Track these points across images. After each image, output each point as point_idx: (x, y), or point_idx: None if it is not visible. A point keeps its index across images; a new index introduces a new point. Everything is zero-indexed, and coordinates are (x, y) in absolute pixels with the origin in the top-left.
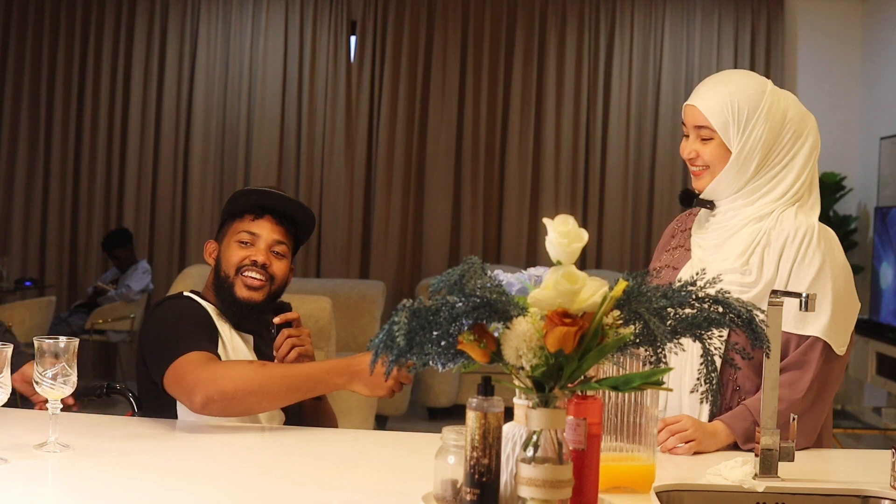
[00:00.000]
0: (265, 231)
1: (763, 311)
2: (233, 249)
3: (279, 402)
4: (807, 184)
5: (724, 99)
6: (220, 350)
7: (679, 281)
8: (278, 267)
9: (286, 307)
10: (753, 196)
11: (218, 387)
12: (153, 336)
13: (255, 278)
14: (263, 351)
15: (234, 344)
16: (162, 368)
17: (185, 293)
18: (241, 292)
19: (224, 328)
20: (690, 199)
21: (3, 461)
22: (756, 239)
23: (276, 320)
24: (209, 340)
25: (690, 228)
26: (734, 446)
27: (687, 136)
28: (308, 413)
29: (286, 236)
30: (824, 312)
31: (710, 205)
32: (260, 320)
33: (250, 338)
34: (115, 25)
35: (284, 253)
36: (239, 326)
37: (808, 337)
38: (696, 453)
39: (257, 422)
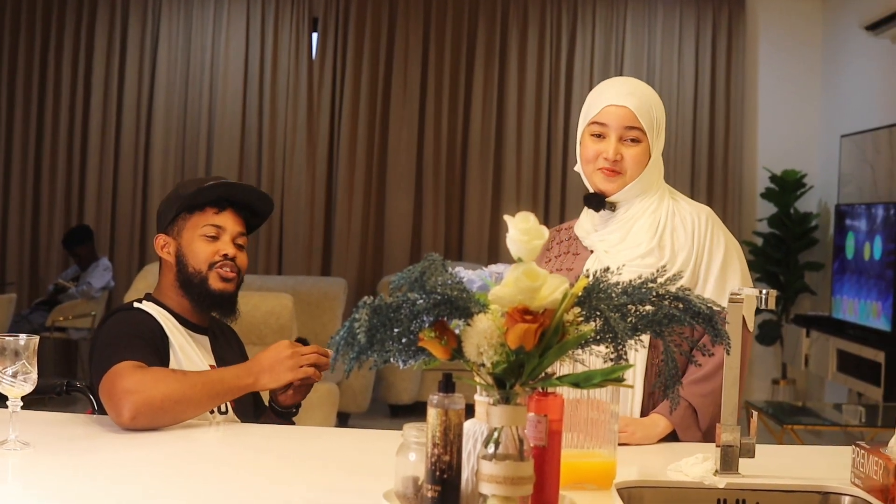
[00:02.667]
0: (229, 224)
1: (721, 307)
2: (199, 244)
3: (201, 409)
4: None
5: (649, 102)
6: (172, 360)
7: (587, 274)
8: (242, 259)
9: (305, 342)
10: (646, 191)
11: (145, 398)
12: (94, 349)
13: (228, 271)
14: (219, 353)
15: (186, 352)
16: (96, 383)
17: (137, 304)
18: (217, 284)
19: (177, 336)
20: (601, 202)
21: None
22: (660, 224)
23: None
24: (151, 353)
25: (569, 238)
26: (674, 437)
27: (598, 137)
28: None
29: (245, 227)
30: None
31: (613, 208)
32: (225, 310)
33: (205, 339)
34: (76, 23)
35: (244, 244)
36: (196, 328)
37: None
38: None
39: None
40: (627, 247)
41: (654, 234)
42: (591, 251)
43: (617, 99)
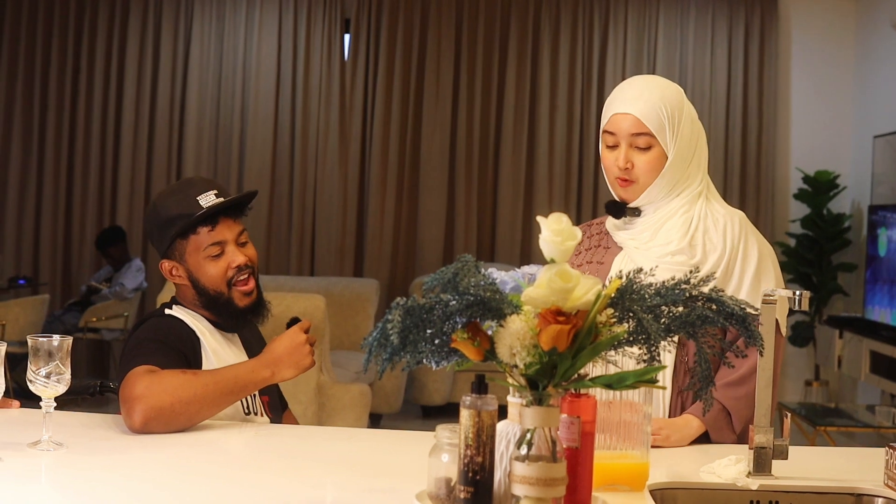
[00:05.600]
0: (226, 232)
1: (756, 308)
2: (208, 266)
3: (216, 409)
4: (706, 175)
5: (658, 104)
6: (205, 363)
7: (619, 275)
8: (251, 254)
9: (297, 321)
10: (676, 190)
11: (154, 403)
12: (121, 357)
13: (246, 281)
14: (250, 348)
15: (220, 354)
16: (117, 390)
17: (168, 311)
18: (242, 301)
19: (209, 339)
20: (620, 210)
21: None
22: (693, 224)
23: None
24: (175, 358)
25: (600, 232)
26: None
27: (612, 147)
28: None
29: (241, 221)
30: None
31: (638, 212)
32: (258, 316)
33: (236, 337)
34: (109, 23)
35: (246, 238)
36: (226, 327)
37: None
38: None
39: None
40: (657, 244)
41: (685, 233)
42: (622, 248)
43: (622, 106)
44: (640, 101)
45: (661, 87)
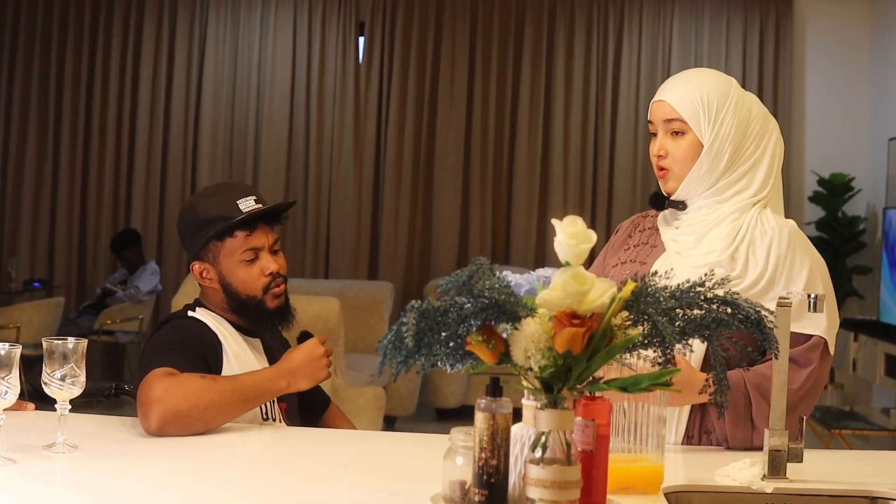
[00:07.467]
0: (262, 239)
1: (770, 311)
2: (243, 271)
3: (232, 415)
4: (775, 185)
5: (694, 92)
6: (226, 367)
7: (635, 278)
8: (283, 264)
9: (309, 336)
10: (727, 193)
11: (171, 407)
12: (141, 357)
13: (279, 286)
14: (272, 353)
15: (241, 359)
16: (132, 392)
17: (191, 313)
18: (272, 303)
19: (231, 343)
20: (662, 202)
21: (12, 462)
22: (739, 235)
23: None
24: (195, 361)
25: (651, 227)
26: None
27: (653, 136)
28: (328, 424)
29: (275, 229)
30: (822, 312)
31: (681, 206)
32: (284, 320)
33: (258, 342)
34: (124, 26)
35: (279, 246)
36: (249, 332)
37: (809, 336)
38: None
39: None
40: (700, 252)
41: (730, 244)
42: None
43: (659, 94)
44: (676, 90)
45: (705, 77)
